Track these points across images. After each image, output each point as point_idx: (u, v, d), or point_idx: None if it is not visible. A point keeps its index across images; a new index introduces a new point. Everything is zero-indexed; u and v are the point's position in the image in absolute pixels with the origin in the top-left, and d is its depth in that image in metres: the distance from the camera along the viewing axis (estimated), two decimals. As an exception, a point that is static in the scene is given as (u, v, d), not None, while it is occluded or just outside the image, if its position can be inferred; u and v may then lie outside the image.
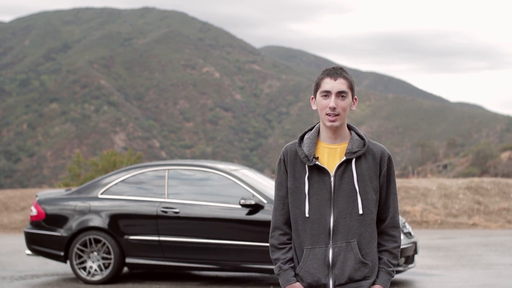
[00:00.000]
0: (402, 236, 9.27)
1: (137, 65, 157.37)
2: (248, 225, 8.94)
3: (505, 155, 67.08)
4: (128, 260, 9.27)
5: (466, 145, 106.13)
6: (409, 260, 9.41)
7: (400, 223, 9.57)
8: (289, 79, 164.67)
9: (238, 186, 9.20)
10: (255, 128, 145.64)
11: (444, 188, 19.46)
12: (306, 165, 3.46)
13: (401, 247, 9.11)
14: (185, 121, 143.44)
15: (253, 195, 9.02)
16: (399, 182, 20.39)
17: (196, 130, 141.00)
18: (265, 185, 9.48)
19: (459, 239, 14.69)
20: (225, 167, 9.63)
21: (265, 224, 8.75)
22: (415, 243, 9.54)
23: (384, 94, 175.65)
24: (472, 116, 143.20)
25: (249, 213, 8.93)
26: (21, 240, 13.62)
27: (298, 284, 3.45)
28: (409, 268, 9.39)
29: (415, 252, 9.57)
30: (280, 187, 3.53)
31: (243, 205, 8.93)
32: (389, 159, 3.52)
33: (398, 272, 9.23)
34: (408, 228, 9.76)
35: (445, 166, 76.31)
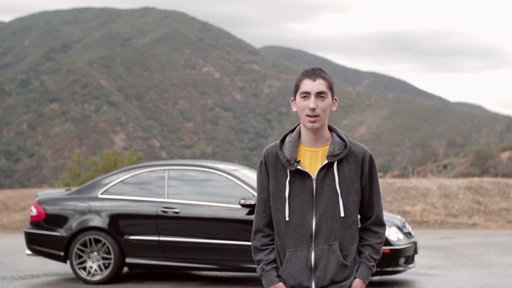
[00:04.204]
0: (402, 236, 9.28)
1: (137, 65, 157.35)
2: (248, 225, 8.92)
3: (505, 155, 67.06)
4: (128, 260, 9.27)
5: (466, 145, 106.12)
6: (409, 260, 9.40)
7: (400, 223, 9.57)
8: (289, 79, 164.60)
9: (238, 186, 9.20)
10: (255, 128, 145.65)
11: (444, 188, 19.46)
12: (288, 169, 3.45)
13: (401, 247, 9.11)
14: (185, 121, 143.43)
15: (253, 195, 9.02)
16: (399, 182, 20.40)
17: (196, 130, 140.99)
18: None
19: (459, 239, 14.69)
20: (225, 167, 9.63)
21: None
22: (415, 243, 9.53)
23: (384, 94, 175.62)
24: (472, 116, 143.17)
25: (249, 213, 8.93)
26: (21, 240, 13.62)
27: (281, 284, 3.45)
28: (409, 268, 9.38)
29: (415, 252, 9.56)
30: (261, 189, 3.53)
31: (243, 205, 8.93)
32: (371, 159, 3.52)
33: (398, 272, 9.23)
34: (408, 228, 9.75)
35: (445, 166, 76.31)
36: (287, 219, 3.43)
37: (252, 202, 8.87)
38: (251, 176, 9.72)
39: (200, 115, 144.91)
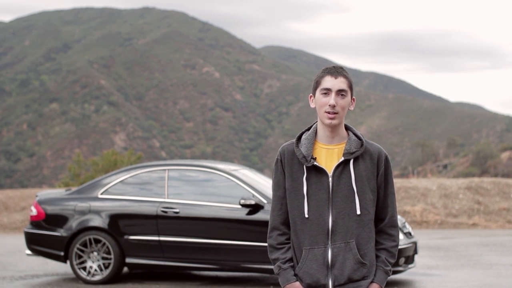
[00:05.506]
0: (402, 236, 9.28)
1: (137, 65, 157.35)
2: (248, 225, 8.93)
3: (505, 155, 67.15)
4: (128, 260, 9.26)
5: (466, 145, 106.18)
6: (409, 260, 9.40)
7: (400, 223, 9.57)
8: (289, 79, 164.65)
9: (238, 186, 9.19)
10: (255, 128, 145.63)
11: (444, 188, 19.45)
12: (304, 166, 3.46)
13: (401, 247, 9.11)
14: (185, 121, 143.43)
15: (253, 195, 9.02)
16: (399, 182, 20.39)
17: (196, 130, 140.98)
18: (265, 185, 9.48)
19: (459, 239, 14.69)
20: (225, 167, 9.63)
21: (265, 224, 8.73)
22: (415, 243, 9.53)
23: (384, 94, 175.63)
24: (472, 116, 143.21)
25: (249, 213, 8.93)
26: (21, 240, 13.62)
27: (298, 283, 3.45)
28: (409, 268, 9.38)
29: (415, 252, 9.56)
30: (277, 187, 3.53)
31: (243, 205, 8.92)
32: (386, 159, 3.53)
33: (398, 272, 9.23)
34: (408, 228, 9.75)
35: (445, 166, 76.40)
36: (306, 216, 3.43)
37: (252, 202, 8.87)
38: (251, 176, 9.72)
39: (200, 115, 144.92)
